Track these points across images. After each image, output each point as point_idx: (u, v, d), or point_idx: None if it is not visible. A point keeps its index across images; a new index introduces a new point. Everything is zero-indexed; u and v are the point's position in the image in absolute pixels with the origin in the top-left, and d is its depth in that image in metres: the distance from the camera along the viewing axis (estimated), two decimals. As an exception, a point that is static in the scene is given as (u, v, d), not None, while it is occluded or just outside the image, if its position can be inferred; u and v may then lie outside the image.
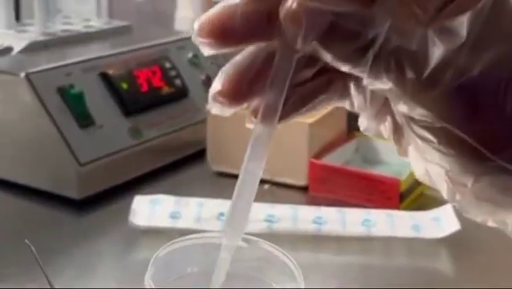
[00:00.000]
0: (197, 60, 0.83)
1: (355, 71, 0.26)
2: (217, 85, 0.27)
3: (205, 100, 0.84)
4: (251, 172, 0.29)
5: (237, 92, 0.27)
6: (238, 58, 0.27)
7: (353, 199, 0.70)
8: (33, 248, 0.43)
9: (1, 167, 0.71)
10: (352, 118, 0.80)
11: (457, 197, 0.28)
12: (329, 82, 0.28)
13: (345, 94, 0.29)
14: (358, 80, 0.28)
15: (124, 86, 0.74)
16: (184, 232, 0.60)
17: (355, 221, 0.65)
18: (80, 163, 0.67)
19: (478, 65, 0.25)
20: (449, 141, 0.26)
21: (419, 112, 0.26)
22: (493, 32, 0.26)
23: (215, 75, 0.86)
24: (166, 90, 0.78)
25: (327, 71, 0.27)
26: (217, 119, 0.75)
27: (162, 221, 0.64)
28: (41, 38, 0.78)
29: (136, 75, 0.76)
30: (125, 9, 0.96)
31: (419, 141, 0.27)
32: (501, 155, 0.26)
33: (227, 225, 0.28)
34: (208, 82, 0.83)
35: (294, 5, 0.24)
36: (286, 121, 0.28)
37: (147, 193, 0.68)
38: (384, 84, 0.26)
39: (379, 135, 0.31)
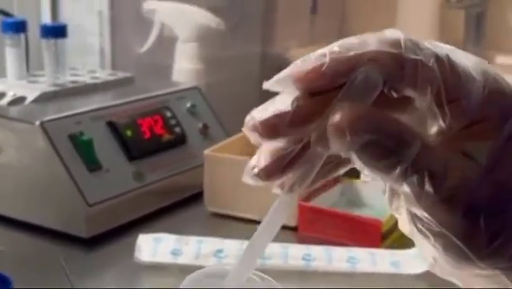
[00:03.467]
0: (194, 110, 0.90)
1: (379, 177, 0.29)
2: (254, 162, 0.32)
3: (202, 147, 0.91)
4: (270, 227, 0.32)
5: (271, 174, 0.31)
6: (276, 144, 0.31)
7: (339, 238, 0.76)
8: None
9: (16, 208, 0.77)
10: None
11: (432, 261, 0.32)
12: (347, 163, 0.32)
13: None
14: None
15: (129, 133, 0.80)
16: (184, 267, 0.67)
17: (340, 258, 0.71)
18: (89, 204, 0.73)
19: (490, 189, 0.29)
20: (445, 244, 0.30)
21: (424, 215, 0.29)
22: (509, 161, 0.29)
23: (211, 123, 0.95)
24: (167, 137, 0.84)
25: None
26: (214, 165, 0.82)
27: (164, 257, 0.69)
28: (51, 88, 0.85)
29: (139, 123, 0.82)
30: (127, 60, 1.03)
31: (415, 228, 0.31)
32: (494, 262, 0.29)
33: (236, 266, 0.32)
34: (205, 130, 0.90)
35: (342, 120, 0.28)
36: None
37: (149, 232, 0.74)
38: (401, 188, 0.29)
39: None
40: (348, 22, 1.55)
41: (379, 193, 0.92)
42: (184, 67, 1.02)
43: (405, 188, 0.29)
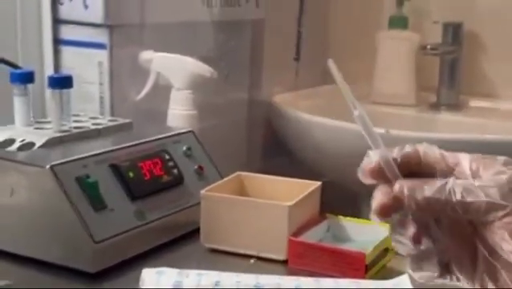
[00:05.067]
0: (190, 152, 0.97)
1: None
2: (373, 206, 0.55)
3: (198, 187, 0.97)
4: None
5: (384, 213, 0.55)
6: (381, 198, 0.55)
7: (326, 271, 0.82)
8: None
9: (26, 246, 0.82)
10: (323, 200, 0.94)
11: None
12: None
13: None
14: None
15: (131, 174, 0.87)
16: (186, 298, 0.72)
17: (329, 286, 0.77)
18: (95, 241, 0.79)
19: None
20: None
21: None
22: None
23: (206, 165, 1.02)
24: (165, 178, 0.91)
25: None
26: (209, 203, 0.88)
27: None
28: (58, 134, 0.91)
29: (140, 165, 0.88)
30: (124, 107, 1.09)
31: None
32: None
33: None
34: (200, 171, 0.96)
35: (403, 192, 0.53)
36: None
37: (150, 266, 0.80)
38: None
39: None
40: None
41: (361, 229, 1.00)
42: (179, 113, 1.08)
43: None
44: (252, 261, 0.86)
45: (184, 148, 0.96)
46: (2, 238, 0.84)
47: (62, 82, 0.92)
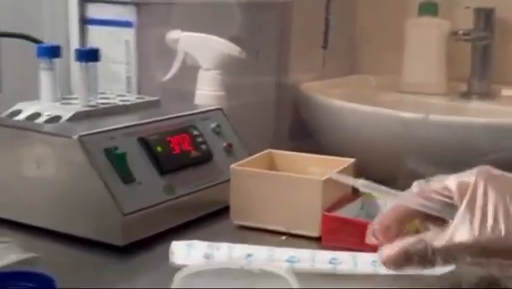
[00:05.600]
0: (219, 129, 0.95)
1: None
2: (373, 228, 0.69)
3: (227, 164, 0.95)
4: None
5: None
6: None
7: (361, 247, 0.80)
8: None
9: (53, 219, 0.80)
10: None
11: None
12: None
13: None
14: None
15: (159, 149, 0.84)
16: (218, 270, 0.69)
17: (364, 261, 0.74)
18: (124, 213, 0.77)
19: None
20: None
21: None
22: None
23: (235, 142, 1.00)
24: (194, 154, 0.88)
25: None
26: (240, 178, 0.85)
27: (197, 260, 0.73)
28: (85, 109, 0.89)
29: (169, 140, 0.86)
30: (151, 87, 1.07)
31: None
32: None
33: None
34: (229, 148, 0.94)
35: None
36: None
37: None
38: None
39: None
40: (358, 57, 1.61)
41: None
42: (207, 93, 1.06)
43: None
44: (283, 238, 0.83)
45: (213, 125, 0.94)
46: (27, 212, 0.82)
47: (89, 55, 0.90)
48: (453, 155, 1.12)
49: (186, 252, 0.73)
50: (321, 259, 0.74)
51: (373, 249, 0.78)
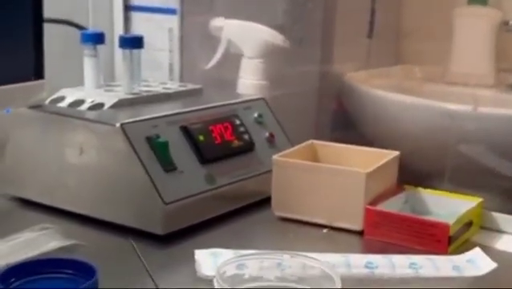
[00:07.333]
0: (261, 119, 0.93)
1: None
2: None
3: (268, 155, 0.93)
4: None
5: None
6: None
7: (404, 242, 0.78)
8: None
9: (94, 207, 0.80)
10: (402, 173, 0.89)
11: None
12: None
13: None
14: None
15: (201, 138, 0.84)
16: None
17: (402, 264, 0.71)
18: (165, 202, 0.76)
19: None
20: None
21: None
22: None
23: (277, 133, 0.99)
24: (236, 143, 0.88)
25: None
26: (282, 169, 0.84)
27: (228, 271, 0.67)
28: (128, 96, 0.89)
29: (210, 129, 0.85)
30: (194, 75, 1.07)
31: None
32: None
33: None
34: (271, 138, 0.93)
35: None
36: None
37: (220, 233, 0.78)
38: None
39: None
40: (403, 47, 1.58)
41: (442, 202, 0.93)
42: (249, 82, 1.05)
43: None
44: (325, 231, 0.82)
45: (256, 114, 0.93)
46: (68, 198, 0.82)
47: (133, 42, 0.90)
48: (500, 149, 1.09)
49: (212, 261, 0.70)
50: (356, 264, 0.71)
51: (419, 245, 0.76)
